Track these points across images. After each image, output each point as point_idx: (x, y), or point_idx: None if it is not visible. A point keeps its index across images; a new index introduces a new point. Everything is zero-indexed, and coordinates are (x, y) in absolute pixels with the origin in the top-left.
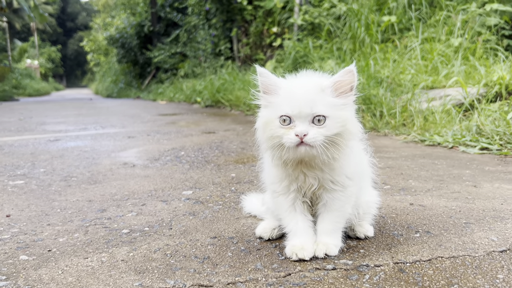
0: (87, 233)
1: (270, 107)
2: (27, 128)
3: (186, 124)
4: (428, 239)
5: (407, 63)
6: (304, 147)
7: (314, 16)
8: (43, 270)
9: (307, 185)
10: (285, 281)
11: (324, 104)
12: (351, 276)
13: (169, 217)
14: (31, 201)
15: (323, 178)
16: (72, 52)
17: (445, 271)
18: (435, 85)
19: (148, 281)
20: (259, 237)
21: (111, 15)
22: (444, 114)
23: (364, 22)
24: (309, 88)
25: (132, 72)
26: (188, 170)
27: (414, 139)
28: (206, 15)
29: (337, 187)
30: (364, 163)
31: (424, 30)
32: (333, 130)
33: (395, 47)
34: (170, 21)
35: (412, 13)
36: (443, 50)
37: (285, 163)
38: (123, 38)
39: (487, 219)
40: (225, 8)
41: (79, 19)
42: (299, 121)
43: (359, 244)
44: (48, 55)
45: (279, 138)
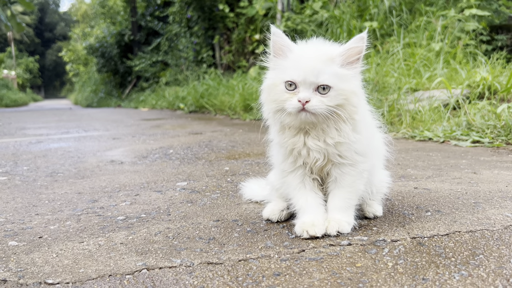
0: (79, 221)
1: (278, 70)
2: (7, 132)
3: (171, 127)
4: (441, 217)
5: (390, 67)
6: (305, 113)
7: (296, 23)
8: (36, 254)
9: (311, 159)
10: (300, 257)
11: (330, 74)
12: (369, 250)
13: (166, 205)
14: (16, 194)
15: (328, 152)
16: (50, 62)
17: (466, 244)
18: (418, 87)
19: (153, 261)
20: (267, 219)
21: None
22: (432, 112)
23: (346, 28)
24: (318, 56)
25: (113, 81)
26: (179, 165)
27: (404, 136)
28: (187, 23)
29: (346, 161)
30: (378, 140)
31: (405, 35)
32: (336, 101)
33: (378, 52)
34: (151, 29)
35: (393, 18)
36: (424, 54)
37: (284, 128)
38: (103, 48)
39: (496, 199)
40: (207, 16)
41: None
42: (304, 87)
43: (371, 223)
44: (26, 65)
45: (282, 103)
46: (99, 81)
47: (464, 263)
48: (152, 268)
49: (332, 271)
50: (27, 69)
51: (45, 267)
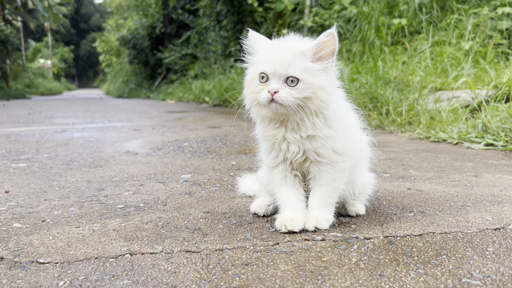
0: (82, 207)
1: (254, 65)
2: (36, 120)
3: (192, 120)
4: (422, 218)
5: (416, 65)
6: (274, 104)
7: (324, 18)
8: (35, 236)
9: (290, 153)
10: (273, 249)
11: (298, 67)
12: (339, 246)
13: (165, 196)
14: (31, 180)
15: (305, 147)
16: (84, 52)
17: (435, 244)
18: (444, 87)
19: (137, 247)
20: (254, 213)
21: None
22: (451, 113)
23: (375, 25)
24: (289, 50)
25: (143, 73)
26: (190, 158)
27: (419, 136)
28: (217, 17)
29: (323, 160)
30: (361, 143)
31: (435, 33)
32: (303, 93)
33: (405, 50)
34: (182, 22)
35: (422, 16)
36: (453, 53)
37: (265, 121)
38: (135, 39)
39: (484, 202)
40: (236, 10)
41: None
42: (274, 79)
43: (351, 221)
44: (61, 55)
45: (257, 94)
46: (130, 72)
47: (425, 262)
48: (135, 253)
49: (298, 263)
50: (62, 58)
51: (40, 248)
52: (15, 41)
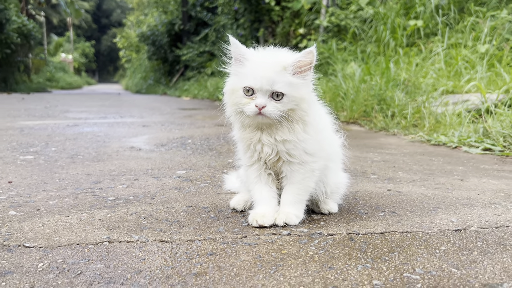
0: (76, 198)
1: (238, 76)
2: (50, 114)
3: (202, 118)
4: (390, 218)
5: (429, 68)
6: (261, 116)
7: (340, 18)
8: (26, 223)
9: (264, 154)
10: (240, 241)
11: (283, 83)
12: (302, 240)
13: (156, 190)
14: (34, 172)
15: (278, 148)
16: (105, 48)
17: (391, 242)
18: (456, 90)
19: (116, 236)
20: (233, 209)
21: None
22: (456, 117)
23: (390, 26)
24: (272, 65)
25: (162, 69)
26: (190, 155)
27: (421, 139)
28: (234, 15)
29: (294, 160)
30: (334, 145)
31: (451, 35)
32: (288, 106)
33: (420, 52)
34: (200, 20)
35: (439, 18)
36: (468, 56)
37: (245, 127)
38: (154, 36)
39: (457, 205)
40: (253, 9)
41: (114, 16)
42: (260, 94)
43: (322, 218)
44: (82, 50)
45: (242, 106)
46: (149, 68)
47: (375, 258)
48: (113, 241)
49: (258, 255)
50: (83, 53)
51: (29, 234)
52: (37, 35)
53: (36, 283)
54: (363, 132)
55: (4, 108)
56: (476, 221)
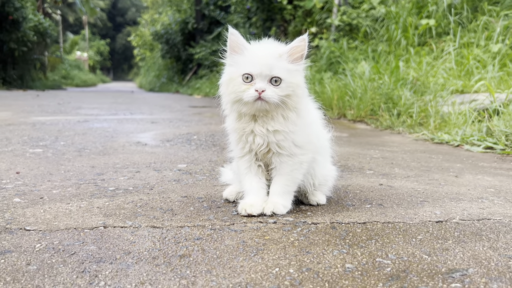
0: (78, 188)
1: (235, 66)
2: (63, 111)
3: (210, 115)
4: (376, 209)
5: (440, 67)
6: (260, 102)
7: (352, 17)
8: (29, 209)
9: (256, 145)
10: (227, 228)
11: (281, 68)
12: (286, 228)
13: (155, 181)
14: (42, 164)
15: (269, 139)
16: (120, 46)
17: (371, 231)
18: (465, 90)
19: (111, 221)
20: (225, 199)
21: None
22: (462, 116)
23: (402, 25)
24: (270, 53)
25: (175, 67)
26: (193, 150)
27: (424, 138)
28: (247, 14)
29: (284, 152)
30: (322, 138)
31: (464, 34)
32: (285, 91)
33: (431, 51)
34: (213, 19)
35: (451, 17)
36: (480, 55)
37: (241, 116)
38: (167, 34)
39: (445, 199)
40: (266, 7)
41: (129, 14)
42: (259, 79)
43: (310, 209)
44: (97, 48)
45: (240, 93)
46: (162, 66)
47: (352, 244)
48: (108, 226)
49: (242, 240)
50: (98, 51)
51: (30, 219)
52: (53, 33)
53: (32, 261)
54: (368, 130)
55: (19, 104)
56: (459, 213)
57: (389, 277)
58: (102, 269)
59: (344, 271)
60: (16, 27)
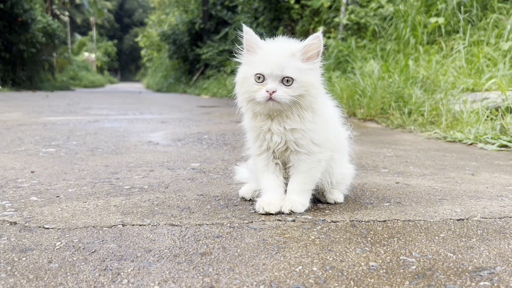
0: (94, 187)
1: (249, 65)
2: (73, 111)
3: (219, 115)
4: (395, 208)
5: (450, 65)
6: (272, 102)
7: (360, 16)
8: (46, 208)
9: (273, 143)
10: (245, 226)
11: (292, 68)
12: (305, 226)
13: (170, 180)
14: (56, 163)
15: (287, 137)
16: (127, 47)
17: (393, 229)
18: (476, 88)
19: (129, 219)
20: (242, 197)
21: (165, 12)
22: (474, 114)
23: (411, 23)
24: (282, 52)
25: (182, 68)
26: (205, 149)
27: (436, 136)
28: (254, 14)
29: (302, 150)
30: (340, 137)
31: (474, 32)
32: (298, 91)
33: (440, 49)
34: (220, 19)
35: (461, 15)
36: (490, 53)
37: (256, 115)
38: (174, 35)
39: (463, 197)
40: (273, 7)
41: (136, 15)
42: (271, 79)
43: (328, 207)
44: (105, 49)
45: (253, 93)
46: (169, 67)
47: (375, 242)
48: (126, 224)
49: (262, 238)
50: (105, 52)
51: (48, 217)
52: (61, 35)
53: (53, 259)
54: (379, 129)
55: (29, 105)
56: (480, 211)
57: (415, 275)
58: (124, 267)
59: (368, 269)
60: (25, 29)
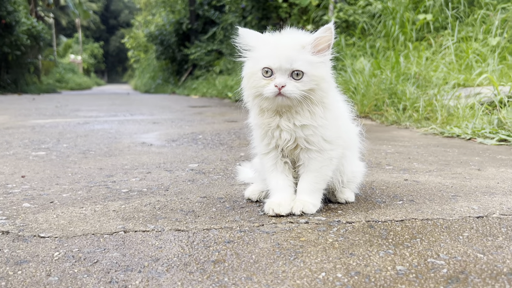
0: (89, 191)
1: (255, 59)
2: (61, 113)
3: (211, 115)
4: (409, 206)
5: (440, 61)
6: (281, 97)
7: (348, 14)
8: (40, 215)
9: (282, 141)
10: (257, 230)
11: (302, 60)
12: (320, 228)
13: (169, 182)
14: (47, 167)
15: (296, 134)
16: (114, 48)
17: (413, 229)
18: (467, 83)
19: (131, 225)
20: (248, 199)
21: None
22: (468, 109)
23: (399, 20)
24: (291, 44)
25: (170, 68)
26: (201, 150)
27: (433, 132)
28: (242, 13)
29: (313, 147)
30: (350, 132)
31: (461, 29)
32: (308, 86)
33: (430, 46)
34: (208, 19)
35: (449, 11)
36: (479, 49)
37: (263, 111)
38: (162, 35)
39: (477, 193)
40: (261, 6)
41: (122, 16)
42: (279, 73)
43: (339, 207)
44: (91, 51)
45: (260, 89)
46: (157, 68)
47: (397, 244)
48: (128, 230)
49: (276, 242)
50: (92, 54)
51: (43, 225)
52: (47, 37)
53: (52, 271)
54: (374, 126)
55: (16, 108)
56: (497, 208)
57: (448, 279)
58: (131, 279)
59: (397, 274)
60: (9, 31)
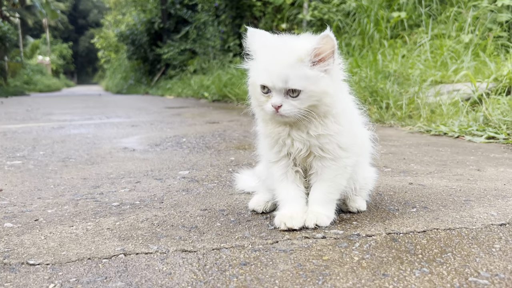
0: (76, 205)
1: (255, 71)
2: (33, 117)
3: (191, 116)
4: (425, 214)
5: (416, 59)
6: (279, 116)
7: (323, 12)
8: (26, 236)
9: (295, 149)
10: (272, 248)
11: (298, 77)
12: (341, 244)
13: (162, 193)
14: (25, 178)
15: (310, 143)
16: (83, 49)
17: (439, 241)
18: (444, 80)
19: (131, 247)
20: (253, 210)
21: (122, 12)
22: (451, 106)
23: (374, 18)
24: (286, 58)
25: (142, 69)
26: (188, 154)
27: (419, 130)
28: (215, 12)
29: (327, 155)
30: (363, 137)
31: (434, 26)
32: (307, 103)
33: (405, 43)
34: (180, 18)
35: (422, 9)
36: (453, 46)
37: (267, 122)
38: (133, 35)
39: (488, 197)
40: (234, 4)
41: (91, 16)
42: (275, 92)
43: (352, 217)
44: (60, 51)
45: (261, 103)
46: (129, 68)
47: (429, 260)
48: (129, 253)
49: (298, 263)
50: (61, 55)
51: (31, 249)
52: (13, 38)
53: None
54: None
55: None
56: None
57: None
58: None
59: None
60: None
